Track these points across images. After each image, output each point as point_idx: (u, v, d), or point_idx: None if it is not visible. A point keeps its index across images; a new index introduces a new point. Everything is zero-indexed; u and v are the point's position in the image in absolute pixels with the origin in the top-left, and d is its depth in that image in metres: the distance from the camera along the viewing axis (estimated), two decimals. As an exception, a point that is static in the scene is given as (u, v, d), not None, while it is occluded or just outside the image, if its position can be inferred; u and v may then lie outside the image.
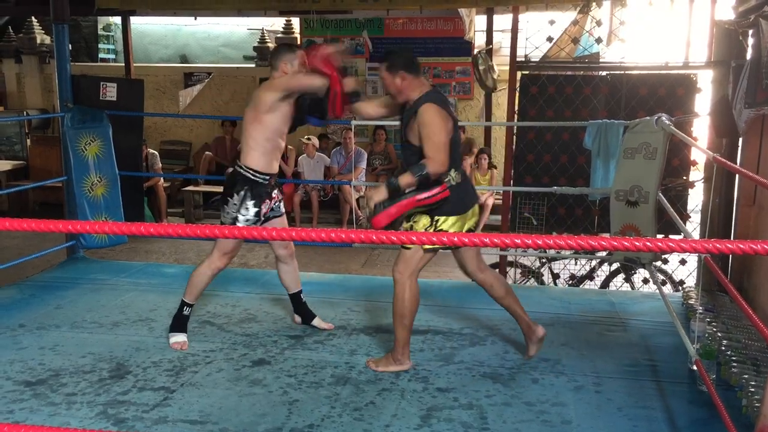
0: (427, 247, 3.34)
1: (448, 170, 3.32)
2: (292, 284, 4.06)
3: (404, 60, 3.39)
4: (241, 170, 3.65)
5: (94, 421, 2.99)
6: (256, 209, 3.66)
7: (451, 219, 3.38)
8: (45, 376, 3.41)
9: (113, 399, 3.18)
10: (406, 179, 3.24)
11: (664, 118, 4.18)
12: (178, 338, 3.79)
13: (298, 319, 4.12)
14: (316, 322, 4.07)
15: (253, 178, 3.64)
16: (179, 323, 3.82)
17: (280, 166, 4.18)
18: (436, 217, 3.36)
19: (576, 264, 5.74)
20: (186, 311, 3.82)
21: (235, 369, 3.52)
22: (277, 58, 3.68)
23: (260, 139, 3.61)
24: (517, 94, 5.45)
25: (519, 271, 5.74)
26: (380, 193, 3.28)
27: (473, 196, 3.53)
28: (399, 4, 5.91)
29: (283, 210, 3.93)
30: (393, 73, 3.37)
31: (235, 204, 3.65)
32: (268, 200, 3.72)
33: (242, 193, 3.64)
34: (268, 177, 3.68)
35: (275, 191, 3.79)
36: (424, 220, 3.38)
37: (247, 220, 3.68)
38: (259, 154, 3.64)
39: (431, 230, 3.35)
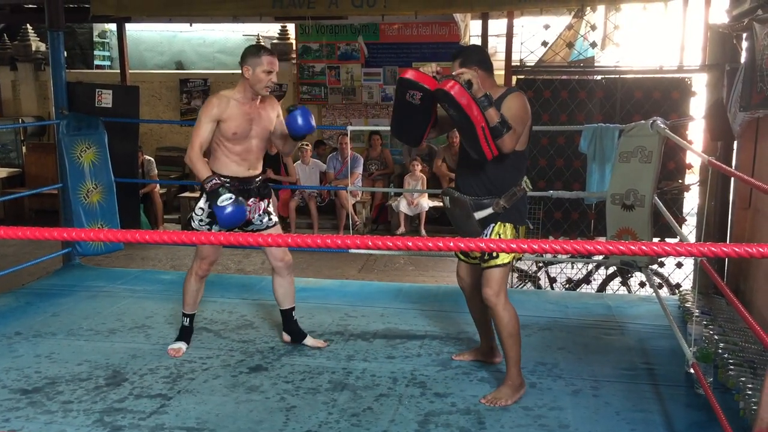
0: (506, 260, 3.23)
1: (522, 176, 3.25)
2: (285, 300, 3.90)
3: (479, 55, 3.23)
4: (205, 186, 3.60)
5: (91, 429, 2.98)
6: (210, 210, 3.55)
7: (524, 229, 3.31)
8: (41, 384, 3.40)
9: (110, 406, 3.17)
10: (493, 112, 2.96)
11: (659, 122, 4.19)
12: (175, 345, 3.81)
13: (287, 337, 3.96)
14: (308, 341, 3.92)
15: (206, 183, 3.51)
16: (181, 333, 3.88)
17: (279, 175, 4.11)
18: (518, 226, 3.25)
19: (573, 268, 5.75)
20: (185, 322, 3.86)
21: (232, 375, 3.51)
22: (242, 59, 3.54)
23: (212, 142, 3.57)
24: (513, 99, 5.45)
25: (516, 275, 5.74)
26: (475, 81, 2.97)
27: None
28: (394, 10, 5.91)
29: (272, 222, 3.78)
30: (467, 67, 3.13)
31: (194, 206, 3.68)
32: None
33: (201, 194, 3.62)
34: (227, 179, 3.54)
35: (252, 199, 3.64)
36: (508, 230, 3.23)
37: (201, 221, 3.62)
38: (214, 157, 3.61)
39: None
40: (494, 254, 3.17)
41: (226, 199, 3.38)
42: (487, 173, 3.20)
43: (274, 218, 3.82)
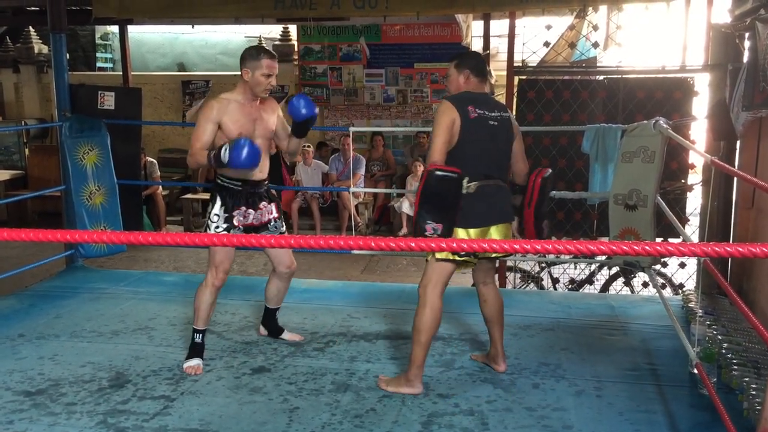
0: (438, 256, 3.25)
1: (463, 177, 3.17)
2: (275, 300, 3.93)
3: (473, 61, 3.36)
4: (215, 180, 3.59)
5: (94, 431, 2.98)
6: (226, 215, 3.53)
7: (469, 231, 3.22)
8: (44, 386, 3.40)
9: (113, 408, 3.18)
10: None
11: (661, 122, 4.18)
12: (192, 362, 3.60)
13: (264, 331, 4.00)
14: (285, 335, 3.97)
15: (221, 184, 3.55)
16: (194, 351, 3.64)
17: (280, 176, 4.09)
18: (455, 228, 3.20)
19: (576, 268, 5.74)
20: (198, 338, 3.64)
21: (235, 377, 3.51)
22: (242, 62, 3.50)
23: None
24: (515, 99, 5.46)
25: (519, 275, 5.74)
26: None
27: (492, 210, 3.28)
28: (396, 11, 5.90)
29: (284, 228, 3.80)
30: (459, 71, 3.33)
31: (208, 212, 3.57)
32: (243, 207, 3.57)
33: (212, 200, 3.56)
34: (239, 183, 3.54)
35: (263, 202, 3.64)
36: (456, 231, 3.22)
37: (217, 227, 3.54)
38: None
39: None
40: None
41: (241, 143, 3.29)
42: None
43: (284, 225, 3.83)
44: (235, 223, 3.56)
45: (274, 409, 3.18)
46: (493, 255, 3.43)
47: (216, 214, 3.54)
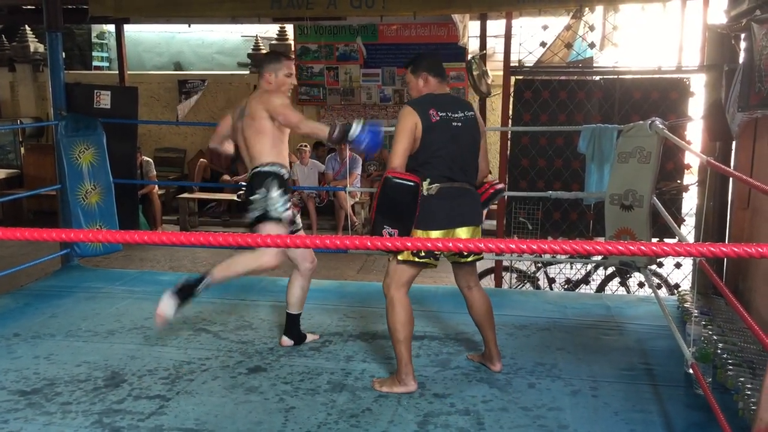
0: (400, 258, 3.26)
1: (422, 180, 3.16)
2: (299, 303, 3.88)
3: (428, 62, 3.34)
4: (260, 168, 3.52)
5: (89, 430, 2.97)
6: (286, 196, 3.51)
7: (419, 232, 3.22)
8: (40, 385, 3.40)
9: (108, 408, 3.17)
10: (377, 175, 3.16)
11: (657, 122, 4.19)
12: (166, 308, 3.37)
13: (288, 341, 3.90)
14: (308, 337, 3.99)
15: (273, 170, 3.51)
16: (183, 292, 3.41)
17: None
18: (416, 230, 3.21)
19: (571, 268, 5.75)
20: (200, 287, 3.42)
21: (231, 376, 3.51)
22: (262, 67, 3.62)
23: (267, 140, 3.53)
24: (512, 99, 5.47)
25: (515, 275, 5.74)
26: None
27: (452, 214, 3.26)
28: (393, 10, 5.90)
29: (300, 225, 3.81)
30: (416, 74, 3.33)
31: (271, 199, 3.47)
32: (291, 195, 3.62)
33: (272, 188, 3.47)
34: (285, 171, 3.57)
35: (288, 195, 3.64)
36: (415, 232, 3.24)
37: (284, 209, 3.50)
38: (269, 149, 3.53)
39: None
40: None
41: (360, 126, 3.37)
42: None
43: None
44: (290, 208, 3.60)
45: (269, 408, 3.18)
46: (470, 258, 3.41)
47: (280, 197, 3.49)
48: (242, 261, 3.52)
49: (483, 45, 8.67)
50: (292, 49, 10.04)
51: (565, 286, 5.69)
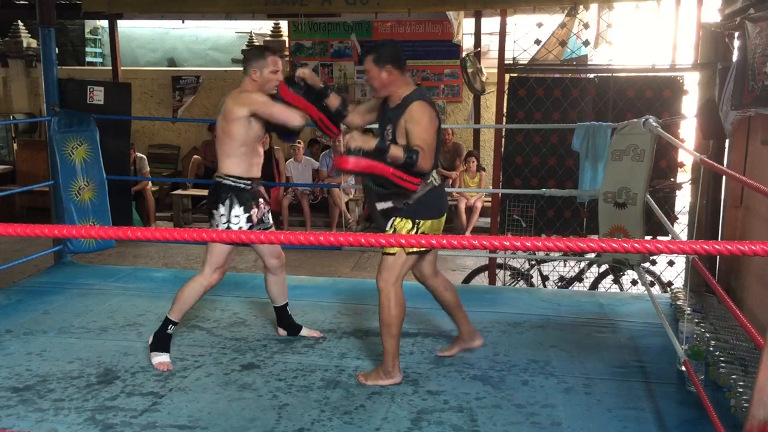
0: (409, 250, 3.31)
1: (430, 170, 3.28)
2: (279, 296, 3.92)
3: (392, 53, 3.28)
4: (222, 180, 3.54)
5: (82, 427, 2.97)
6: (247, 215, 3.54)
7: (429, 222, 3.33)
8: (32, 382, 3.38)
9: (101, 404, 3.16)
10: (395, 151, 3.10)
11: (651, 120, 4.20)
12: (162, 358, 3.56)
13: (283, 331, 4.00)
14: (304, 332, 3.98)
15: (234, 185, 3.53)
16: (162, 342, 3.58)
17: (271, 172, 4.09)
18: (418, 220, 3.29)
19: (565, 266, 5.76)
20: (170, 329, 3.59)
21: (225, 373, 3.51)
22: (247, 64, 3.54)
23: (234, 146, 3.49)
24: (506, 97, 5.47)
25: (508, 273, 5.75)
26: (366, 142, 3.10)
27: (446, 201, 3.49)
28: (387, 7, 5.90)
29: (271, 222, 3.78)
30: (380, 66, 3.25)
31: (222, 215, 3.51)
32: (256, 207, 3.59)
33: (227, 201, 3.52)
34: (250, 182, 3.57)
35: (261, 199, 3.65)
36: (407, 225, 3.29)
37: (240, 228, 3.53)
38: (237, 160, 3.52)
39: (414, 233, 3.29)
40: None
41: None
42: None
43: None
44: (254, 220, 3.58)
45: (263, 405, 3.18)
46: None
47: (236, 215, 3.51)
48: (190, 290, 3.59)
49: (477, 42, 8.68)
50: (287, 45, 10.02)
51: (559, 284, 5.70)
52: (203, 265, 3.60)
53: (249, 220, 3.56)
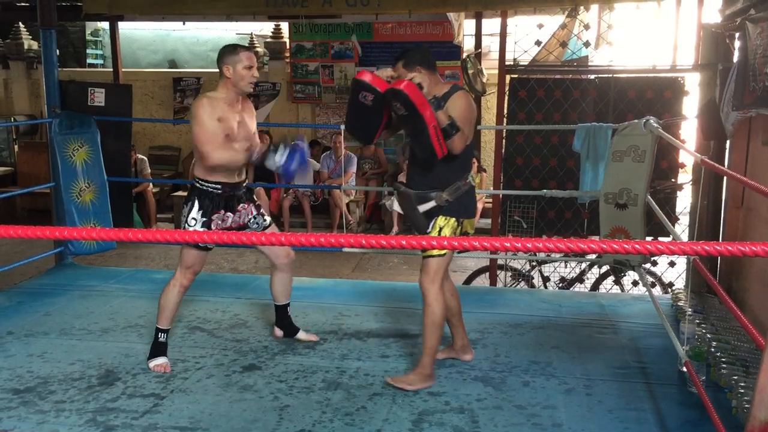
0: (443, 252, 3.33)
1: (467, 172, 3.33)
2: (283, 295, 3.91)
3: (421, 55, 3.31)
4: (193, 182, 3.52)
5: (84, 429, 2.97)
6: (204, 219, 3.46)
7: (468, 221, 3.39)
8: (33, 383, 3.39)
9: (102, 406, 3.16)
10: (441, 115, 3.12)
11: (652, 121, 4.20)
12: (159, 360, 3.57)
13: (279, 332, 3.97)
14: (300, 335, 3.95)
15: (200, 187, 3.48)
16: (158, 350, 3.60)
17: (272, 174, 4.03)
18: (461, 219, 3.34)
19: (566, 267, 5.75)
20: (162, 337, 3.60)
21: (226, 375, 3.51)
22: (220, 61, 3.45)
23: (204, 149, 3.40)
24: (506, 98, 5.47)
25: (509, 274, 5.74)
26: (425, 85, 3.21)
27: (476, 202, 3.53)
28: (388, 9, 5.90)
29: (267, 222, 3.74)
30: (409, 69, 3.26)
31: (183, 216, 3.48)
32: (222, 210, 3.52)
33: (189, 202, 3.48)
34: (218, 186, 3.48)
35: (242, 204, 3.60)
36: (450, 222, 3.31)
37: (194, 226, 3.47)
38: (201, 164, 3.48)
39: (459, 233, 3.34)
40: None
41: (280, 154, 3.34)
42: (436, 170, 3.29)
43: (268, 218, 3.79)
44: (213, 227, 3.50)
45: (264, 407, 3.18)
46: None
47: (194, 218, 3.47)
48: (167, 294, 3.59)
49: (478, 43, 8.68)
50: (288, 47, 10.02)
51: (560, 285, 5.69)
52: (177, 267, 3.58)
53: (205, 225, 3.47)
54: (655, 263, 5.47)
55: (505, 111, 5.47)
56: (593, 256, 5.25)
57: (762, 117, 3.82)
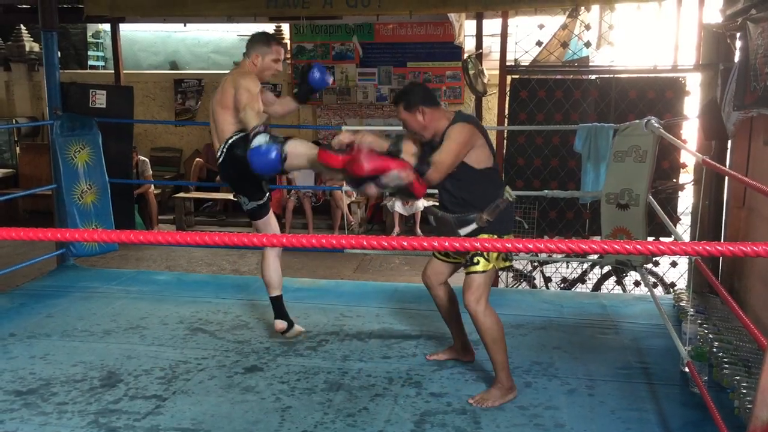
0: (489, 266, 3.24)
1: (500, 188, 3.25)
2: (279, 281, 3.87)
3: (420, 94, 3.21)
4: (229, 142, 3.49)
5: (86, 431, 2.97)
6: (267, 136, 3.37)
7: (509, 236, 3.32)
8: (36, 385, 3.39)
9: (104, 408, 3.16)
10: (406, 156, 3.13)
11: (653, 121, 4.20)
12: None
13: (282, 324, 3.87)
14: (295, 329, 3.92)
15: (244, 135, 3.43)
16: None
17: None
18: (503, 235, 3.26)
19: (568, 267, 5.75)
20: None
21: (228, 376, 3.51)
22: (251, 47, 3.57)
23: (232, 120, 3.48)
24: (507, 98, 5.47)
25: (511, 274, 5.75)
26: (377, 142, 3.16)
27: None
28: (389, 10, 5.90)
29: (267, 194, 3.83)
30: (412, 111, 3.18)
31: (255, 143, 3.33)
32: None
33: (253, 136, 3.29)
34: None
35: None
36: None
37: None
38: (236, 126, 3.50)
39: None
40: (476, 260, 3.20)
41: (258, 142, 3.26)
42: (463, 193, 3.23)
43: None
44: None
45: (266, 408, 3.18)
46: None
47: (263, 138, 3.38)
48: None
49: (479, 44, 8.67)
50: (288, 48, 10.02)
51: (562, 285, 5.69)
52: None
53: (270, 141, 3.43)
54: (656, 263, 5.47)
55: (506, 111, 5.47)
56: (595, 257, 5.24)
57: (763, 117, 3.81)
